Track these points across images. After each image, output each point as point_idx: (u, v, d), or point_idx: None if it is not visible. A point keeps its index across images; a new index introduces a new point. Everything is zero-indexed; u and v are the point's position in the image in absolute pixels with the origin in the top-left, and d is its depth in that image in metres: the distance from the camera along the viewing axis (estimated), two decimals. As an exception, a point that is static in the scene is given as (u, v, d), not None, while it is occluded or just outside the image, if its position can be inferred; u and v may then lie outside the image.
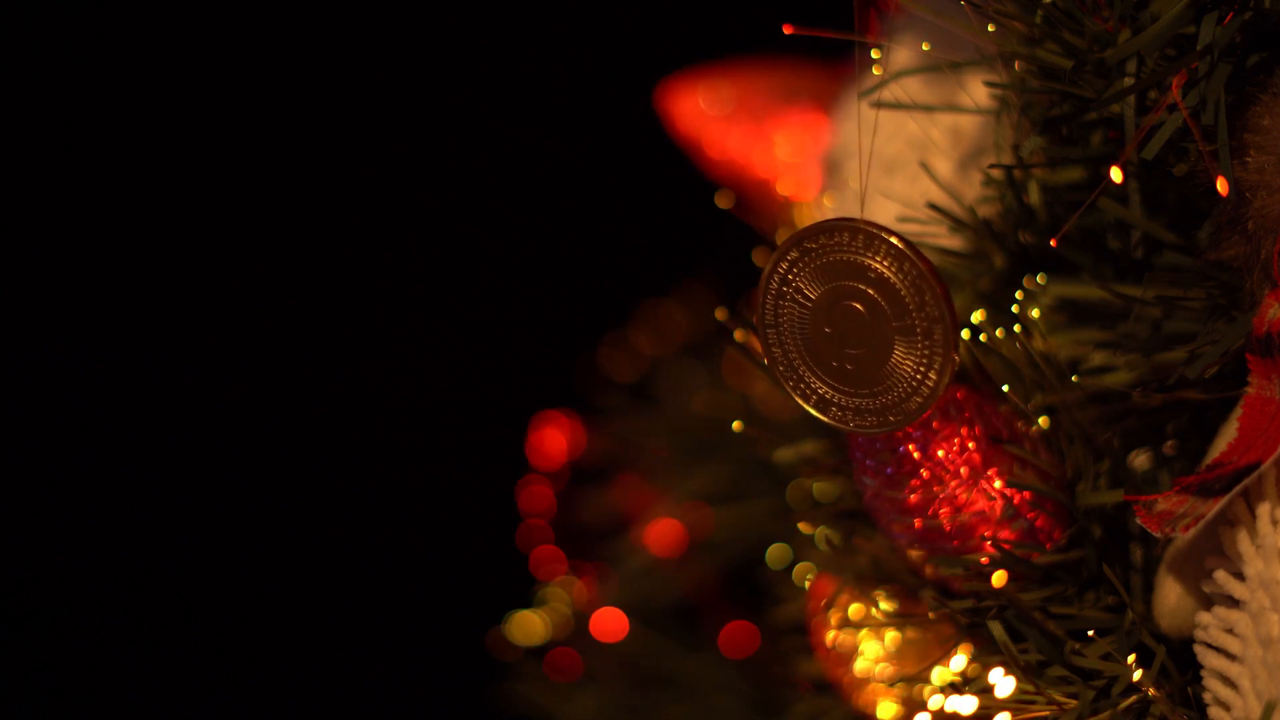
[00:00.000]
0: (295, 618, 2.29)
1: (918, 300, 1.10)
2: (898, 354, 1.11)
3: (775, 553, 1.52)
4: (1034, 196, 1.22)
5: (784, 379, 1.14)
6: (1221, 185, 1.08)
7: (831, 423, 1.14)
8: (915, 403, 1.12)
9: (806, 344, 1.13)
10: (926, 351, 1.10)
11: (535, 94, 2.30)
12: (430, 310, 2.34)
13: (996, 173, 1.21)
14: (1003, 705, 1.15)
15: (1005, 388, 1.18)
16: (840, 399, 1.13)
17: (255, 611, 2.29)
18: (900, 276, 1.10)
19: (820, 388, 1.13)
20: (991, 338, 1.18)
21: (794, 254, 1.12)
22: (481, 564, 2.00)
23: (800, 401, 1.14)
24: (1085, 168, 1.20)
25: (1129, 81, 1.11)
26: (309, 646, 2.29)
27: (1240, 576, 1.09)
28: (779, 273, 1.12)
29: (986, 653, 1.17)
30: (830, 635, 1.31)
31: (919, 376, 1.11)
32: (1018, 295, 1.21)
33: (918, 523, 1.18)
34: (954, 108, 1.27)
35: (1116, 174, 1.10)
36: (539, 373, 2.17)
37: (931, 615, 1.20)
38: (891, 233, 1.10)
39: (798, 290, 1.12)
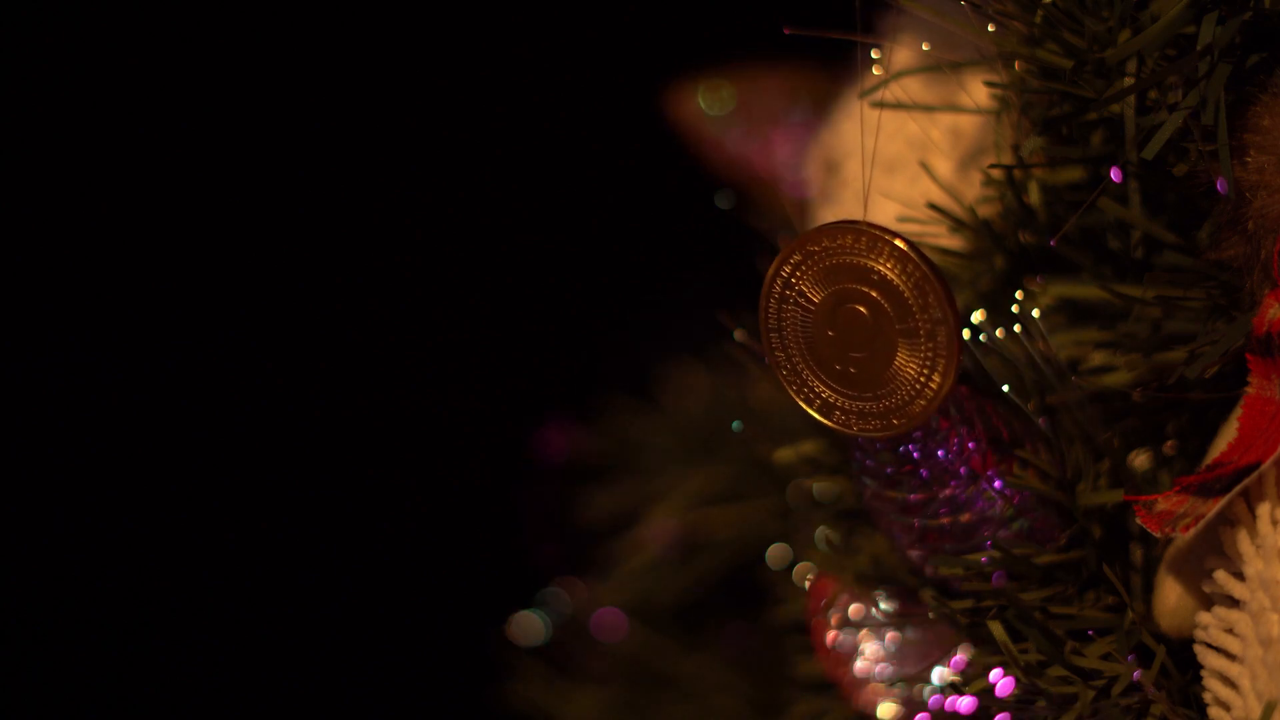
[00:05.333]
0: (295, 618, 2.29)
1: (921, 302, 1.09)
2: (901, 357, 1.11)
3: (775, 553, 1.52)
4: (1034, 196, 1.22)
5: (787, 383, 1.14)
6: (1221, 185, 1.08)
7: (835, 427, 1.13)
8: (919, 405, 1.11)
9: (809, 347, 1.13)
10: (930, 354, 1.10)
11: (537, 95, 2.30)
12: (430, 310, 2.34)
13: (996, 173, 1.21)
14: (1003, 705, 1.15)
15: (1005, 388, 1.18)
16: (844, 402, 1.13)
17: (256, 611, 2.29)
18: (903, 278, 1.09)
19: (824, 391, 1.13)
20: (991, 338, 1.18)
21: (797, 257, 1.12)
22: (481, 564, 2.00)
23: (804, 405, 1.14)
24: (1085, 168, 1.20)
25: (1129, 81, 1.11)
26: (309, 646, 2.29)
27: (1240, 576, 1.09)
28: (782, 276, 1.12)
29: (986, 653, 1.17)
30: (830, 635, 1.31)
31: (922, 379, 1.11)
32: (1018, 295, 1.21)
33: (917, 523, 1.18)
34: (954, 108, 1.27)
35: (1116, 174, 1.10)
36: (539, 373, 2.17)
37: (931, 615, 1.20)
38: (895, 234, 1.09)
39: (800, 293, 1.12)
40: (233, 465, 2.30)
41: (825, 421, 1.14)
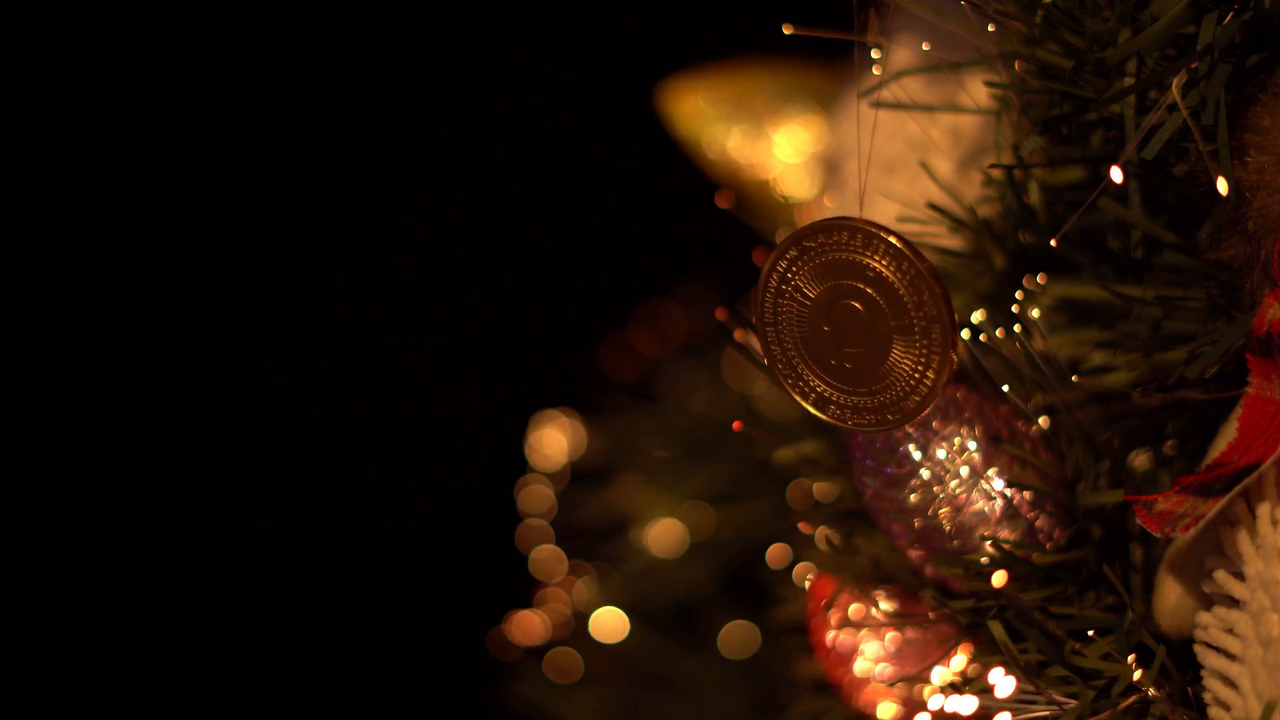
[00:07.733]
0: (296, 618, 2.29)
1: (916, 299, 1.10)
2: (896, 353, 1.11)
3: (775, 553, 1.52)
4: (1034, 196, 1.22)
5: (782, 377, 1.14)
6: (1221, 185, 1.08)
7: (830, 420, 1.14)
8: (913, 401, 1.12)
9: (805, 342, 1.13)
10: (924, 350, 1.10)
11: (536, 94, 2.30)
12: (430, 310, 2.34)
13: (996, 173, 1.21)
14: (1003, 705, 1.15)
15: (1005, 388, 1.18)
16: (838, 397, 1.13)
17: (256, 611, 2.29)
18: (898, 275, 1.10)
19: (819, 385, 1.14)
20: (991, 338, 1.18)
21: (793, 252, 1.12)
22: (481, 564, 2.00)
23: (799, 399, 1.14)
24: (1085, 168, 1.20)
25: (1129, 81, 1.11)
26: (309, 646, 2.30)
27: (1240, 576, 1.09)
28: (778, 271, 1.13)
29: (986, 653, 1.17)
30: (830, 635, 1.31)
31: (917, 375, 1.11)
32: (1018, 295, 1.21)
33: (918, 523, 1.18)
34: (954, 108, 1.27)
35: (1116, 174, 1.10)
36: (539, 373, 2.17)
37: (931, 615, 1.20)
38: (890, 232, 1.10)
39: (796, 289, 1.12)
40: (233, 465, 2.30)
41: (820, 415, 1.14)
